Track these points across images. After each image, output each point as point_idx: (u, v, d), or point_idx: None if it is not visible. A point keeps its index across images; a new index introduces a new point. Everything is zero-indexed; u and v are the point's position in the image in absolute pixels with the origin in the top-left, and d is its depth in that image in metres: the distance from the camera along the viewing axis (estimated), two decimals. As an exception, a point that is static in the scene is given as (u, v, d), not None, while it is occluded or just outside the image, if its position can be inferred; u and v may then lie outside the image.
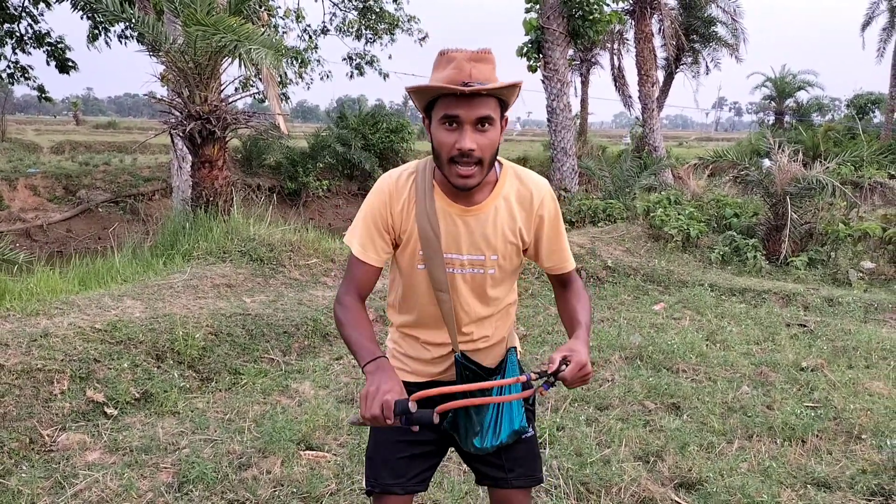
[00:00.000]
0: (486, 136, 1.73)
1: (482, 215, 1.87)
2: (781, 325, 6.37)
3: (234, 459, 3.57)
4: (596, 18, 14.30)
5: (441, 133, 1.74)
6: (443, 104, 1.72)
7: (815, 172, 9.31)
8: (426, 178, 1.88)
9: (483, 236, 1.88)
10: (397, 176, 1.91)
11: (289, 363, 5.12)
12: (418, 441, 1.97)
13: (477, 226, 1.87)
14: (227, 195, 8.11)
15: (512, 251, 1.93)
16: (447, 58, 1.73)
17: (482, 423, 1.91)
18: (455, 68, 1.69)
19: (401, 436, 1.96)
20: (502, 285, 1.98)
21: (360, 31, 20.22)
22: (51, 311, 4.94)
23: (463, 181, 1.75)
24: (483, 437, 1.91)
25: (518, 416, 1.95)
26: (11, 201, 17.51)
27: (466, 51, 1.72)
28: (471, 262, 1.90)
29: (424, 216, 1.85)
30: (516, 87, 1.74)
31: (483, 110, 1.70)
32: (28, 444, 3.58)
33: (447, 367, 1.99)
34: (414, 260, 1.90)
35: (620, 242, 9.39)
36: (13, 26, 17.17)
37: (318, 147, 21.98)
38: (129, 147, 25.88)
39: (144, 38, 7.98)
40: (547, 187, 1.97)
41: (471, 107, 1.69)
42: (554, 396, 4.48)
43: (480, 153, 1.73)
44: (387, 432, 1.98)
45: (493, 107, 1.73)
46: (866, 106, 36.71)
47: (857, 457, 3.73)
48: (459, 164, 1.73)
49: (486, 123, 1.72)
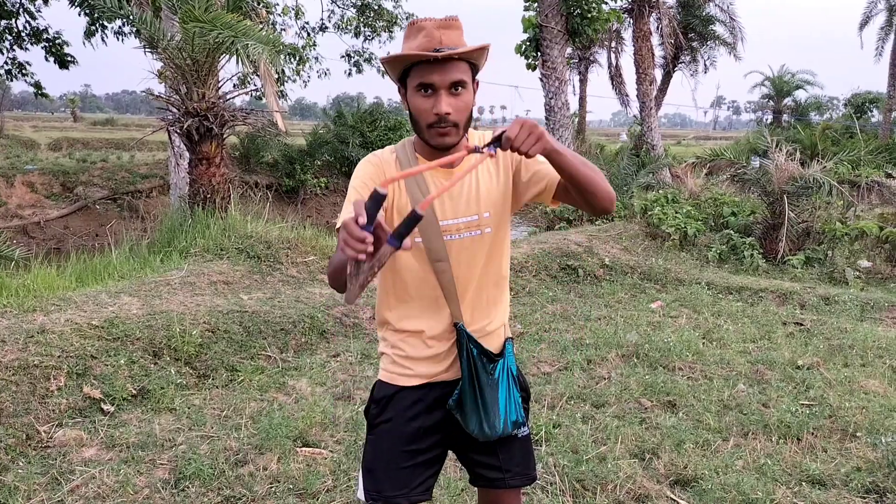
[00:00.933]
0: (461, 98, 1.78)
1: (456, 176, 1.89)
2: (778, 324, 6.38)
3: (231, 456, 3.57)
4: (594, 17, 14.31)
5: (418, 100, 1.79)
6: (417, 72, 1.77)
7: (812, 171, 9.32)
8: (408, 152, 1.93)
9: (472, 194, 1.90)
10: (380, 153, 1.96)
11: (286, 360, 5.13)
12: (421, 449, 1.96)
13: (463, 185, 1.90)
14: (224, 192, 8.10)
15: (502, 201, 1.94)
16: (417, 27, 1.78)
17: (486, 409, 1.91)
18: (426, 36, 1.74)
19: (403, 445, 1.95)
20: (500, 244, 1.99)
21: (359, 28, 20.21)
22: (48, 307, 4.94)
23: (441, 140, 1.80)
24: (486, 423, 1.91)
25: (516, 408, 1.98)
26: (9, 198, 17.48)
27: (435, 19, 1.78)
28: (467, 226, 1.91)
29: (414, 186, 1.88)
30: (485, 50, 1.81)
31: (456, 74, 1.76)
32: (25, 441, 3.59)
33: (450, 363, 1.96)
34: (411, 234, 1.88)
35: (618, 241, 9.40)
36: (11, 22, 17.14)
37: (316, 144, 21.97)
38: (127, 144, 25.88)
39: (142, 35, 7.97)
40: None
41: (444, 72, 1.75)
42: (550, 394, 4.48)
43: (456, 116, 1.78)
44: (388, 442, 1.96)
45: (464, 70, 1.79)
46: (864, 105, 36.73)
47: (852, 455, 3.74)
48: (438, 127, 1.78)
49: (460, 87, 1.77)
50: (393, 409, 1.98)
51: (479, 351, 1.92)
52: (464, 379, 1.93)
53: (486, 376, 1.93)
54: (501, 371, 1.96)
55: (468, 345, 1.92)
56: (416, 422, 1.96)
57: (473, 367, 1.91)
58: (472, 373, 1.91)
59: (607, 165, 15.11)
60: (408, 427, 1.96)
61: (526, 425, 2.05)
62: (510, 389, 1.97)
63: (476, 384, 1.92)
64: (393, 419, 1.98)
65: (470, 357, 1.91)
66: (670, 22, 21.34)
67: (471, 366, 1.92)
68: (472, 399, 1.92)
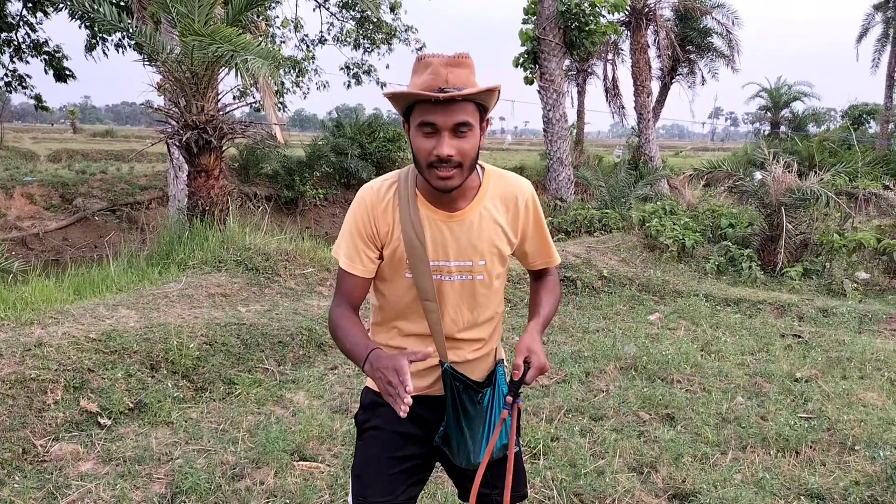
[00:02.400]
0: (465, 141, 1.72)
1: (467, 221, 1.87)
2: (776, 336, 6.38)
3: (228, 470, 3.56)
4: (592, 30, 14.38)
5: (419, 139, 1.73)
6: (420, 110, 1.72)
7: (809, 183, 9.34)
8: (408, 186, 1.88)
9: (469, 242, 1.88)
10: (378, 186, 1.91)
11: (283, 373, 5.12)
12: (407, 456, 1.96)
13: (462, 232, 1.87)
14: (223, 204, 8.11)
15: (498, 255, 1.93)
16: (424, 63, 1.72)
17: (474, 439, 1.91)
18: (431, 73, 1.69)
19: (390, 451, 1.95)
20: (491, 291, 1.97)
21: (358, 41, 20.29)
22: (45, 320, 4.93)
23: (443, 183, 1.74)
24: (474, 453, 1.90)
25: (507, 431, 1.94)
26: (8, 209, 17.49)
27: (443, 56, 1.71)
28: (459, 269, 1.89)
29: (409, 224, 1.84)
30: (494, 92, 1.73)
31: (460, 116, 1.69)
32: (21, 455, 3.57)
33: (434, 379, 1.97)
34: (401, 268, 1.89)
35: (616, 252, 9.41)
36: (11, 35, 17.21)
37: (315, 156, 22.02)
38: (126, 155, 25.91)
39: (142, 48, 8.00)
40: (529, 188, 1.98)
41: (447, 113, 1.68)
42: (548, 407, 4.48)
43: (460, 158, 1.72)
44: (375, 448, 1.97)
45: (470, 112, 1.72)
46: (861, 116, 36.87)
47: (850, 468, 3.74)
48: (438, 169, 1.73)
49: (464, 129, 1.71)
50: (380, 415, 1.98)
51: (465, 386, 1.91)
52: (448, 416, 1.92)
53: (474, 407, 1.92)
54: (490, 399, 1.94)
55: (453, 383, 1.90)
56: (402, 428, 1.95)
57: (460, 404, 1.90)
58: (457, 409, 1.90)
59: (605, 177, 15.12)
60: (395, 434, 1.96)
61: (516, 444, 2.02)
62: (498, 412, 1.95)
63: (462, 420, 1.91)
64: (380, 426, 1.98)
65: (455, 393, 1.90)
66: (668, 34, 21.45)
67: (455, 403, 1.90)
68: (457, 434, 1.91)
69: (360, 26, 20.03)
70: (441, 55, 1.72)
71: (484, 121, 1.80)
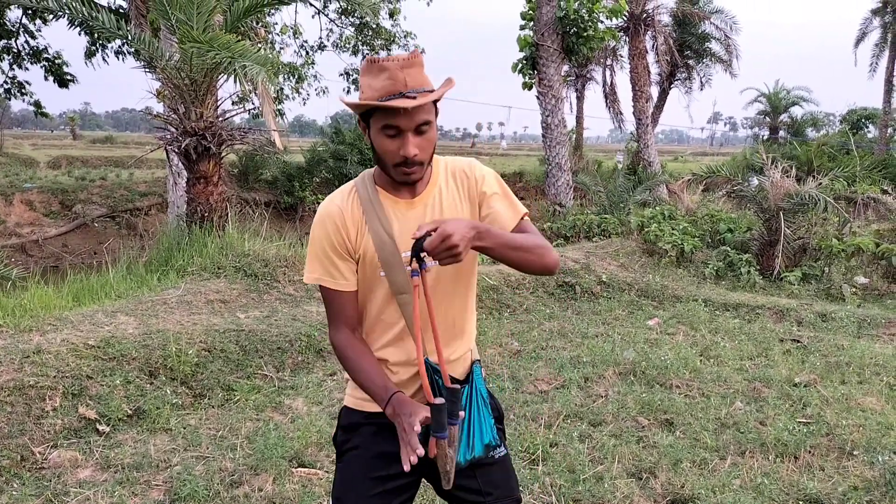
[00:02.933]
0: (426, 137, 1.78)
1: (428, 201, 1.90)
2: (775, 341, 6.38)
3: (226, 477, 3.56)
4: (590, 35, 14.39)
5: (383, 141, 1.77)
6: (381, 115, 1.75)
7: (808, 188, 9.35)
8: (367, 186, 1.91)
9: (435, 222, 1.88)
10: (337, 197, 1.93)
11: (282, 379, 5.12)
12: (391, 475, 1.90)
13: (426, 214, 1.89)
14: (222, 211, 8.12)
15: None
16: (378, 66, 1.74)
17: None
18: (389, 79, 1.71)
19: (372, 472, 1.90)
20: (462, 277, 1.95)
21: (357, 47, 20.32)
22: (44, 327, 4.94)
23: (407, 177, 1.81)
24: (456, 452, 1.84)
25: (488, 430, 1.92)
26: (7, 216, 17.50)
27: (397, 58, 1.75)
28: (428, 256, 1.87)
29: (375, 220, 1.86)
30: (451, 86, 1.82)
31: (422, 116, 1.75)
32: (19, 462, 3.57)
33: (415, 391, 1.92)
34: (375, 269, 1.87)
35: (615, 257, 9.42)
36: (10, 42, 17.25)
37: (314, 162, 22.05)
38: (126, 162, 25.92)
39: (141, 55, 8.02)
40: (475, 161, 1.99)
41: (411, 116, 1.73)
42: (547, 413, 4.48)
43: (423, 155, 1.79)
44: (356, 468, 1.93)
45: (429, 110, 1.77)
46: (860, 121, 36.90)
47: (849, 473, 3.74)
48: (404, 166, 1.78)
49: (425, 126, 1.77)
50: (360, 435, 1.95)
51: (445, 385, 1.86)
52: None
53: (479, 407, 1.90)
54: (469, 398, 1.90)
55: (433, 377, 1.85)
56: (384, 447, 1.90)
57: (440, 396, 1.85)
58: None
59: (604, 182, 15.14)
60: (375, 454, 1.91)
61: (502, 446, 2.00)
62: (481, 413, 1.91)
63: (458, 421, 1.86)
64: (360, 446, 1.95)
65: (436, 388, 1.85)
66: (666, 40, 21.49)
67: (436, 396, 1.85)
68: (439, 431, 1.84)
69: (359, 32, 20.06)
70: (394, 57, 1.75)
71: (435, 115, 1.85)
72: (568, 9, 14.19)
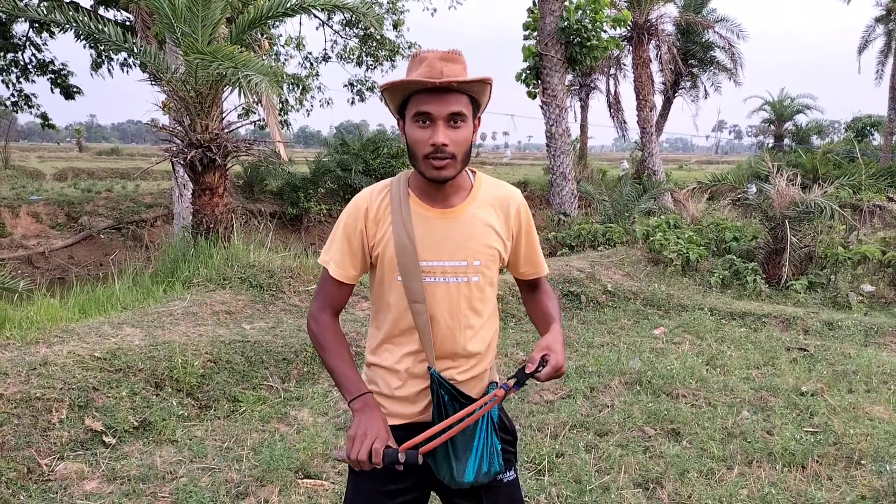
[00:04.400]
0: (459, 132, 1.75)
1: (460, 218, 1.86)
2: (781, 350, 6.36)
3: (232, 488, 3.56)
4: (593, 45, 14.45)
5: (415, 131, 1.76)
6: (415, 101, 1.74)
7: (813, 196, 9.34)
8: (401, 187, 1.88)
9: (464, 240, 1.85)
10: (370, 191, 1.92)
11: (287, 390, 5.12)
12: (400, 490, 1.90)
13: (456, 229, 1.85)
14: (227, 222, 8.15)
15: (493, 257, 1.89)
16: (419, 58, 1.75)
17: (457, 457, 1.83)
18: (427, 66, 1.71)
19: (381, 485, 1.89)
20: (486, 294, 1.92)
21: (361, 58, 20.42)
22: (50, 339, 4.95)
23: (437, 173, 1.76)
24: (458, 472, 1.82)
25: (496, 457, 1.85)
26: (14, 228, 17.57)
27: (438, 51, 1.75)
28: (453, 270, 1.84)
29: (400, 222, 1.83)
30: (487, 85, 1.77)
31: (454, 106, 1.73)
32: (26, 474, 3.57)
33: (426, 404, 1.91)
34: (392, 271, 1.85)
35: (620, 266, 9.40)
36: (17, 55, 17.38)
37: (319, 172, 22.09)
38: (132, 174, 26.00)
39: (146, 68, 8.07)
40: (520, 195, 1.99)
41: (442, 102, 1.71)
42: (553, 423, 4.46)
43: (454, 148, 1.74)
44: (367, 483, 1.91)
45: (464, 104, 1.75)
46: (865, 129, 36.88)
47: (857, 482, 3.72)
48: (433, 159, 1.75)
49: (458, 119, 1.74)
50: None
51: (451, 397, 1.84)
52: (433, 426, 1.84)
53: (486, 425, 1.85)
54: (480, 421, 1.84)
55: (439, 391, 1.84)
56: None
57: (445, 414, 1.83)
58: (442, 420, 1.82)
59: (609, 191, 15.14)
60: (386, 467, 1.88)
61: (511, 470, 1.95)
62: (489, 438, 1.85)
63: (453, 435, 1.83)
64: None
65: (441, 403, 1.84)
66: (669, 49, 21.54)
67: (441, 412, 1.83)
68: (442, 446, 1.81)
69: (363, 43, 20.16)
70: (436, 51, 1.76)
71: (476, 117, 1.83)
72: (571, 19, 14.26)
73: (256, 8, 8.30)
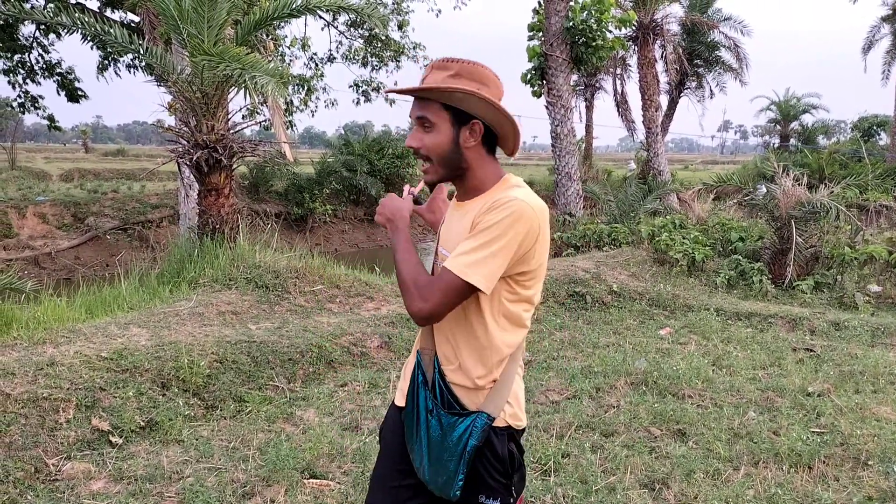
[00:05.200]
0: (428, 136, 1.84)
1: (461, 212, 1.93)
2: (788, 350, 6.34)
3: (238, 488, 3.57)
4: (599, 45, 14.41)
5: None
6: None
7: (819, 196, 9.30)
8: None
9: (457, 232, 1.90)
10: None
11: (293, 390, 5.13)
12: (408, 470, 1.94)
13: (455, 221, 1.94)
14: (233, 222, 8.16)
15: None
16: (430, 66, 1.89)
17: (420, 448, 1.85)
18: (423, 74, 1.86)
19: (394, 464, 1.98)
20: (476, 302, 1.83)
21: (366, 58, 20.44)
22: (57, 339, 4.97)
23: (424, 175, 1.92)
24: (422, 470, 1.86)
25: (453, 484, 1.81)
26: (21, 229, 17.64)
27: (438, 60, 1.86)
28: (443, 257, 1.93)
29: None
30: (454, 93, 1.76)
31: (418, 111, 1.83)
32: (33, 474, 3.59)
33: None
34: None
35: (625, 267, 9.39)
36: (24, 56, 17.44)
37: (324, 173, 22.16)
38: (138, 174, 26.09)
39: (153, 69, 8.09)
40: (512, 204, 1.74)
41: (414, 107, 1.85)
42: (559, 423, 4.46)
43: (425, 151, 1.85)
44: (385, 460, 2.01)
45: (433, 110, 1.82)
46: (871, 128, 36.78)
47: (864, 483, 3.70)
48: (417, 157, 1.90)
49: (427, 124, 1.83)
50: (387, 426, 2.05)
51: (423, 380, 1.87)
52: (407, 404, 1.91)
53: (426, 414, 1.83)
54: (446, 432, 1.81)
55: (416, 371, 1.90)
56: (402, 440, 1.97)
57: (416, 394, 1.87)
58: (413, 400, 1.87)
59: (614, 191, 15.12)
60: (396, 445, 1.98)
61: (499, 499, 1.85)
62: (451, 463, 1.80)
63: (415, 416, 1.86)
64: (386, 437, 2.04)
65: (414, 382, 1.89)
66: (675, 49, 21.52)
67: (414, 392, 1.88)
68: (410, 429, 1.87)
69: (368, 44, 20.18)
70: (439, 59, 1.87)
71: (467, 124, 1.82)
72: (576, 19, 14.23)
73: (262, 9, 8.32)
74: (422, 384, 1.88)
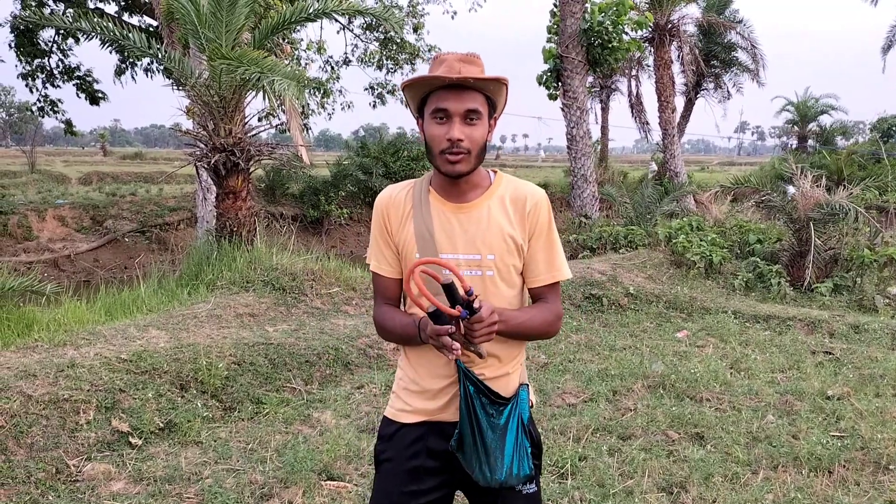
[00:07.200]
0: (475, 129, 1.82)
1: (475, 212, 1.90)
2: (807, 353, 6.29)
3: (256, 490, 3.59)
4: (615, 47, 14.38)
5: (433, 127, 1.84)
6: (434, 99, 1.83)
7: (838, 198, 9.22)
8: (423, 184, 1.97)
9: (478, 234, 1.88)
10: (391, 188, 2.03)
11: (310, 392, 5.15)
12: (422, 490, 1.91)
13: (470, 223, 1.89)
14: (250, 225, 8.21)
15: (508, 250, 1.89)
16: (439, 60, 1.84)
17: (488, 453, 1.83)
18: (446, 66, 1.80)
19: (403, 486, 1.91)
20: (503, 291, 1.91)
21: (382, 61, 20.49)
22: (78, 341, 5.02)
23: (452, 167, 1.83)
24: (489, 469, 1.83)
25: (526, 460, 1.87)
26: (40, 231, 17.81)
27: (457, 54, 1.83)
28: (467, 263, 1.87)
29: (420, 216, 1.91)
30: (503, 85, 1.84)
31: (470, 103, 1.80)
32: (54, 475, 3.63)
33: (447, 401, 1.93)
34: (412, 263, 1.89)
35: (642, 269, 9.35)
36: (43, 60, 17.65)
37: (340, 175, 22.20)
38: (156, 177, 26.30)
39: (170, 73, 8.17)
40: (541, 193, 1.97)
41: (459, 99, 1.80)
42: (576, 426, 4.45)
43: (469, 144, 1.81)
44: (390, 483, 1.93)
45: (480, 102, 1.82)
46: (891, 129, 36.38)
47: (885, 488, 3.67)
48: (448, 154, 1.82)
49: (474, 116, 1.81)
50: (394, 447, 1.96)
51: (477, 390, 1.85)
52: (462, 417, 1.86)
53: (487, 418, 1.85)
54: (510, 416, 1.87)
55: (465, 382, 1.85)
56: (415, 461, 1.92)
57: (471, 406, 1.84)
58: (469, 412, 1.84)
59: (630, 193, 15.06)
60: (407, 467, 1.92)
61: (534, 482, 1.94)
62: (519, 438, 1.87)
63: (474, 425, 1.84)
64: (394, 458, 1.95)
65: (467, 395, 1.84)
66: (691, 50, 21.39)
67: (468, 405, 1.84)
68: (470, 440, 1.84)
69: (383, 47, 20.24)
70: (455, 53, 1.84)
71: (493, 118, 1.90)
72: (592, 21, 14.20)
73: (279, 13, 8.37)
74: (475, 394, 1.85)
